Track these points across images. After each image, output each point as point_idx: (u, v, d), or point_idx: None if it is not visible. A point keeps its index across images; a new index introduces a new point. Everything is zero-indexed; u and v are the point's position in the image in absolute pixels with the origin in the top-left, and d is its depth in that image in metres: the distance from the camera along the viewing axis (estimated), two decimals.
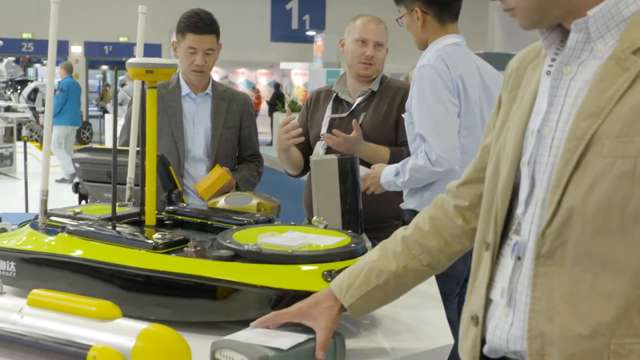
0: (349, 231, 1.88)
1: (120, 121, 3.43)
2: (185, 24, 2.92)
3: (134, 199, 2.11)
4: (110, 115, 14.48)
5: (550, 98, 1.15)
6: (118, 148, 1.93)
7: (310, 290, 1.54)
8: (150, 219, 1.92)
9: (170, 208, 2.08)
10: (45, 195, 1.88)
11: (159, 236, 1.72)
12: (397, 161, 2.62)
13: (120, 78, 13.28)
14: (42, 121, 12.06)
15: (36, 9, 18.36)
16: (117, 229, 1.82)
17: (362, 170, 2.51)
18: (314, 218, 1.93)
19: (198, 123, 3.04)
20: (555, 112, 1.14)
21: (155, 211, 1.93)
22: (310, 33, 20.74)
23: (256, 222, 1.94)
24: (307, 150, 3.04)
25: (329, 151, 2.84)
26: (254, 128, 3.21)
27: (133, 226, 1.89)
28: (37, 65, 23.56)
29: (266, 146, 15.46)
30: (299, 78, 20.87)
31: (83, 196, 2.46)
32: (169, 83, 3.02)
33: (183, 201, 2.16)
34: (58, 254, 1.75)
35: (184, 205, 2.12)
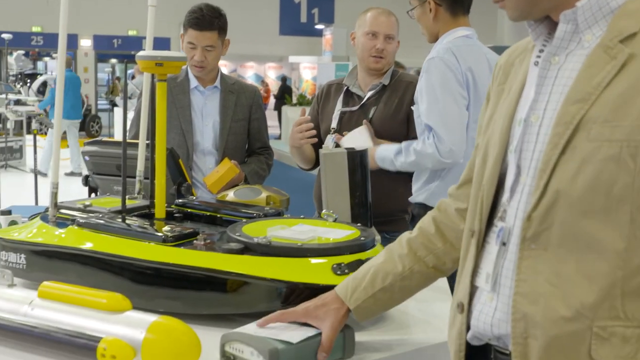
0: (358, 224, 1.88)
1: (130, 114, 3.43)
2: (187, 19, 2.93)
3: (143, 191, 2.11)
4: (118, 109, 14.49)
5: (537, 87, 1.17)
6: (128, 141, 1.94)
7: (320, 283, 1.55)
8: (159, 211, 1.93)
9: (180, 201, 2.08)
10: (56, 188, 1.89)
11: (169, 229, 1.72)
12: None
13: (130, 72, 13.29)
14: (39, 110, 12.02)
15: (45, 2, 18.40)
16: (127, 221, 1.82)
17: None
18: (323, 211, 1.93)
19: (206, 116, 3.04)
20: (542, 101, 1.16)
21: (165, 204, 1.94)
22: (319, 26, 20.72)
23: (265, 215, 1.94)
24: (318, 144, 3.03)
25: (339, 145, 2.83)
26: (264, 120, 3.20)
27: (143, 219, 1.90)
28: (47, 58, 23.62)
29: (275, 140, 15.45)
30: (308, 71, 20.87)
31: (93, 189, 2.46)
32: (178, 76, 3.03)
33: (192, 194, 2.17)
34: (68, 246, 1.76)
35: (193, 198, 2.12)
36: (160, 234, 1.69)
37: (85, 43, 21.40)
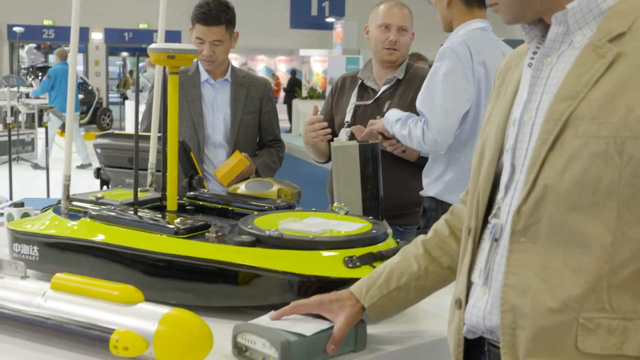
0: (369, 217, 1.87)
1: (141, 108, 3.43)
2: (194, 14, 2.93)
3: (155, 184, 2.12)
4: (130, 102, 14.52)
5: (530, 87, 1.19)
6: (139, 134, 1.94)
7: (331, 276, 1.55)
8: (171, 204, 1.93)
9: (192, 194, 2.09)
10: (68, 180, 1.89)
11: (180, 221, 1.72)
12: (425, 156, 2.64)
13: (141, 65, 13.31)
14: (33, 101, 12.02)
15: None
16: (139, 214, 1.82)
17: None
18: (334, 204, 1.92)
19: (217, 109, 3.04)
20: (535, 101, 1.18)
21: (177, 196, 1.94)
22: (329, 20, 20.66)
23: (277, 208, 1.94)
24: (333, 137, 3.03)
25: (352, 138, 2.83)
26: (274, 113, 3.20)
27: (154, 211, 1.90)
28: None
29: (285, 133, 15.45)
30: (319, 65, 20.81)
31: (104, 182, 2.47)
32: (189, 69, 3.03)
33: (204, 187, 2.17)
34: (81, 238, 1.77)
35: (204, 190, 2.13)
36: (172, 227, 1.69)
37: (97, 36, 21.44)
